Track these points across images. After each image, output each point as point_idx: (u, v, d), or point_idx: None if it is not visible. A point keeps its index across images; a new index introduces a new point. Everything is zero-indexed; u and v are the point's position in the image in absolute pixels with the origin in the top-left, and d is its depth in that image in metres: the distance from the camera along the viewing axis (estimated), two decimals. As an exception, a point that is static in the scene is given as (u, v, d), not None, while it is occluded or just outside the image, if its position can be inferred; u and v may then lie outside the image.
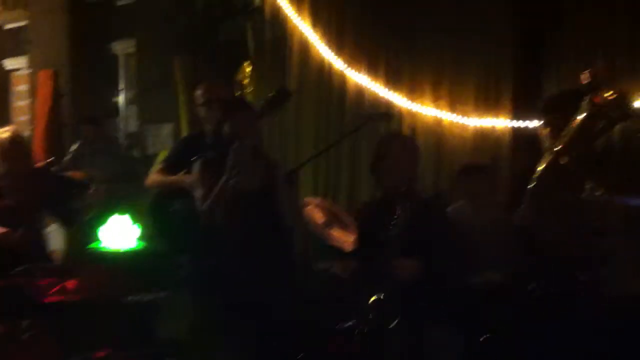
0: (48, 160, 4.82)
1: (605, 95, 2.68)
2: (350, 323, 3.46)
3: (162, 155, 4.88)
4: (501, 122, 4.93)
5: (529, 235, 2.74)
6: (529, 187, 2.82)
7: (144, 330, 3.77)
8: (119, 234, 4.73)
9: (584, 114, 2.69)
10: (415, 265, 3.24)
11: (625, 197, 2.30)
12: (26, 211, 4.12)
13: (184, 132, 6.36)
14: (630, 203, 2.25)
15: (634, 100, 3.20)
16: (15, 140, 4.18)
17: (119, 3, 7.70)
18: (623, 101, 2.73)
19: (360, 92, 5.63)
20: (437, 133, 5.24)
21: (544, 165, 2.82)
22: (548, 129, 3.07)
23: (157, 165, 4.24)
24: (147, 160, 6.38)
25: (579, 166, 2.67)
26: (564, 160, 2.70)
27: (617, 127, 2.73)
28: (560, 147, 2.75)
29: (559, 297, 2.46)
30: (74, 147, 6.06)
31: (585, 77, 2.72)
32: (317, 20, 5.89)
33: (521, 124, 4.78)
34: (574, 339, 2.41)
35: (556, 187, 2.73)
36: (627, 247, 2.25)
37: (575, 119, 2.72)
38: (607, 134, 3.05)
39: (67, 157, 5.87)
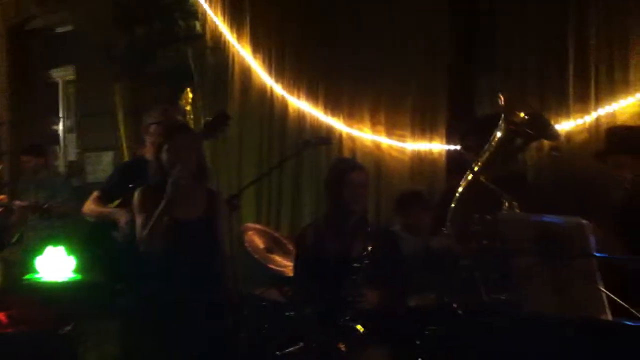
0: None
1: (521, 114, 2.80)
2: (292, 349, 3.48)
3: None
4: (437, 146, 5.06)
5: (452, 256, 2.81)
6: (450, 207, 2.90)
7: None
8: (55, 265, 4.65)
9: (501, 133, 2.79)
10: (380, 295, 3.30)
11: (540, 215, 2.38)
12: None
13: (125, 160, 6.30)
14: (545, 220, 2.32)
15: (548, 120, 3.32)
16: None
17: (58, 30, 7.62)
18: (538, 120, 2.84)
19: (301, 117, 5.70)
20: (375, 157, 5.34)
21: (463, 185, 2.91)
22: (467, 152, 3.16)
23: (94, 193, 4.18)
24: (88, 189, 6.29)
25: (497, 185, 2.76)
26: (482, 179, 2.79)
27: (533, 146, 2.84)
28: (478, 165, 2.85)
29: (479, 316, 2.52)
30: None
31: (500, 100, 2.83)
32: (258, 47, 5.95)
33: (455, 147, 4.91)
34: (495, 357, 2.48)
35: (475, 207, 2.81)
36: (541, 266, 2.32)
37: (494, 138, 2.82)
38: (523, 151, 3.18)
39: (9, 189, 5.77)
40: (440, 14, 5.08)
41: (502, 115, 2.78)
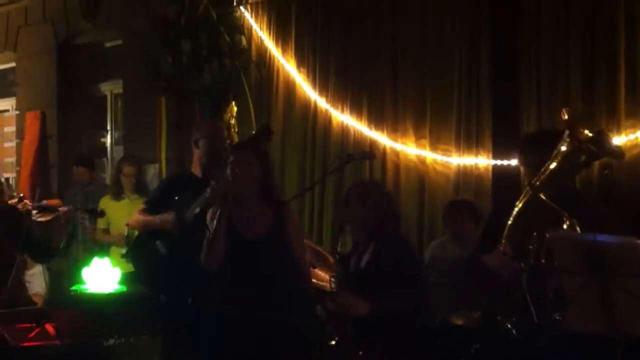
0: (19, 197, 4.70)
1: (585, 131, 2.72)
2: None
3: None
4: (482, 161, 4.99)
5: (500, 275, 2.74)
6: (508, 224, 2.83)
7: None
8: (101, 276, 4.72)
9: (565, 148, 2.72)
10: (366, 306, 3.26)
11: (593, 234, 2.31)
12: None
13: (164, 173, 6.38)
14: (598, 240, 2.26)
15: (611, 138, 3.22)
16: None
17: (107, 44, 7.78)
18: (602, 137, 2.76)
19: (344, 132, 5.69)
20: (420, 171, 5.30)
21: (522, 203, 2.84)
22: (526, 167, 3.10)
23: (140, 205, 4.23)
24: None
25: (556, 202, 2.69)
26: (542, 196, 2.72)
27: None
28: (538, 183, 2.78)
29: (528, 336, 2.46)
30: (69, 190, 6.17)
31: (563, 115, 2.75)
32: (302, 61, 5.98)
33: (500, 162, 4.85)
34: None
35: (533, 224, 2.75)
36: (589, 285, 2.25)
37: (555, 154, 2.75)
38: (586, 169, 3.08)
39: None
40: (483, 27, 5.03)
41: (566, 131, 2.70)
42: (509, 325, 2.79)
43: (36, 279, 4.72)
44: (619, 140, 4.40)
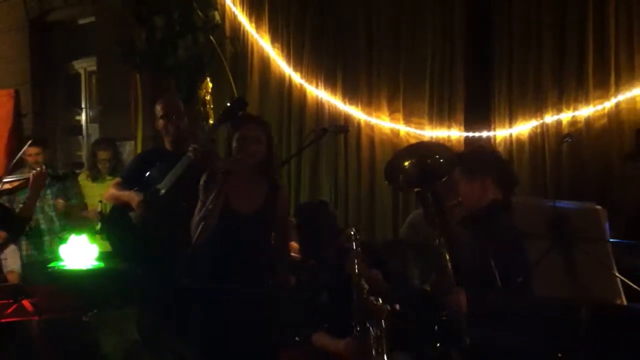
0: None
1: None
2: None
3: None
4: (454, 133, 5.06)
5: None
6: None
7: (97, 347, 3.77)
8: (78, 253, 4.74)
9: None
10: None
11: (554, 200, 2.37)
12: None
13: (139, 149, 6.37)
14: (559, 205, 2.32)
15: None
16: None
17: (80, 21, 7.70)
18: None
19: (319, 106, 5.72)
20: (394, 144, 5.36)
21: None
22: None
23: (115, 179, 4.25)
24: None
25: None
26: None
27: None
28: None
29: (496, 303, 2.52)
30: None
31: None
32: (276, 36, 5.98)
33: (472, 134, 4.92)
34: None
35: None
36: (555, 250, 2.32)
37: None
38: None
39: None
40: (457, 1, 5.07)
41: None
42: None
43: (11, 256, 4.72)
44: (587, 110, 4.48)
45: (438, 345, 3.41)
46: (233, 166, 3.21)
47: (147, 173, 3.87)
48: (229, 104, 3.95)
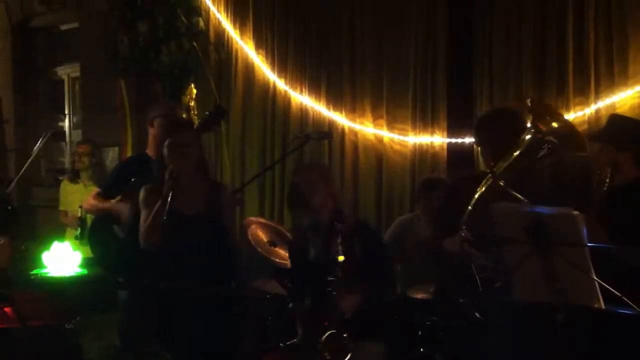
0: None
1: (553, 123, 2.77)
2: (294, 340, 3.54)
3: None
4: (437, 139, 5.11)
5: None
6: (467, 209, 2.86)
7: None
8: (61, 260, 4.71)
9: (528, 138, 2.77)
10: (357, 301, 3.34)
11: (532, 205, 2.40)
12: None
13: (129, 154, 6.35)
14: (536, 211, 2.35)
15: (578, 131, 3.25)
16: None
17: (63, 27, 7.68)
18: (570, 130, 2.82)
19: (303, 112, 5.74)
20: (377, 150, 5.39)
21: (482, 189, 2.87)
22: (481, 147, 3.17)
23: (95, 189, 4.24)
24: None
25: (515, 187, 2.75)
26: (501, 183, 2.77)
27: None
28: (499, 169, 2.84)
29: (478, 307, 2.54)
30: None
31: (529, 101, 2.81)
32: (260, 43, 6.00)
33: (455, 140, 4.96)
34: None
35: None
36: (533, 255, 2.35)
37: (522, 143, 2.79)
38: (548, 159, 3.09)
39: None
40: (440, 8, 5.11)
41: (531, 121, 2.76)
42: (461, 300, 2.89)
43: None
44: (567, 117, 4.52)
45: (422, 350, 3.48)
46: (175, 171, 3.32)
47: (132, 179, 3.84)
48: (208, 113, 3.98)
